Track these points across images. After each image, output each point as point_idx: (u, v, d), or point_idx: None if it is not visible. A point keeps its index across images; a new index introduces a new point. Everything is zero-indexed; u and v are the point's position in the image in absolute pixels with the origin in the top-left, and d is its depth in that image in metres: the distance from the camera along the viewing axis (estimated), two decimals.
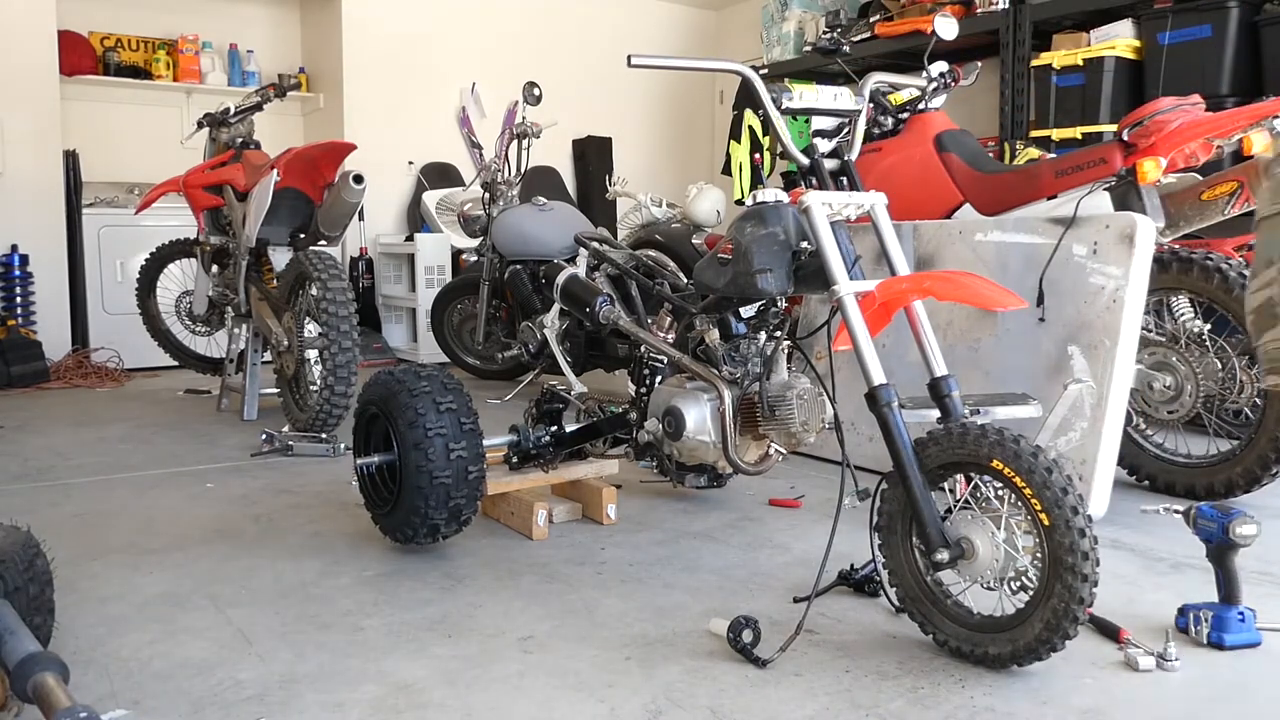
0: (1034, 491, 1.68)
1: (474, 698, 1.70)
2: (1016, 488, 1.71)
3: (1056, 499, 1.66)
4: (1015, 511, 1.76)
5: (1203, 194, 2.91)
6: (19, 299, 5.64)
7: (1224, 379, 2.84)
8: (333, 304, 3.54)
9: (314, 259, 3.69)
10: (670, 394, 2.29)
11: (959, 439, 1.79)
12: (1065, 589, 1.65)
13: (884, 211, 2.06)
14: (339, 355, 3.53)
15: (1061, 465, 1.71)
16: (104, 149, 6.23)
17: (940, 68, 3.33)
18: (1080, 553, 1.64)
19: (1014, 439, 1.72)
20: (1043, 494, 1.67)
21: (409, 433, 2.33)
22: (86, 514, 2.87)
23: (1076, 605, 1.65)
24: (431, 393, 2.36)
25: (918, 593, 1.89)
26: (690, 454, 2.27)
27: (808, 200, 1.97)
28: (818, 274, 1.98)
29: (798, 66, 6.10)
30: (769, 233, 2.04)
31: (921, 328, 1.98)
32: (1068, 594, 1.65)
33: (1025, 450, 1.70)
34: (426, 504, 2.32)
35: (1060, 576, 1.66)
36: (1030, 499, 1.69)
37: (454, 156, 7.06)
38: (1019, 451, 1.70)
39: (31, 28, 5.68)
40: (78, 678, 1.69)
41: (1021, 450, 1.70)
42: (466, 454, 2.35)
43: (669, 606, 2.12)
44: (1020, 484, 1.70)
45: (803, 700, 1.69)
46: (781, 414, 2.09)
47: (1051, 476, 1.67)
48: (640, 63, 2.01)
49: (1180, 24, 4.15)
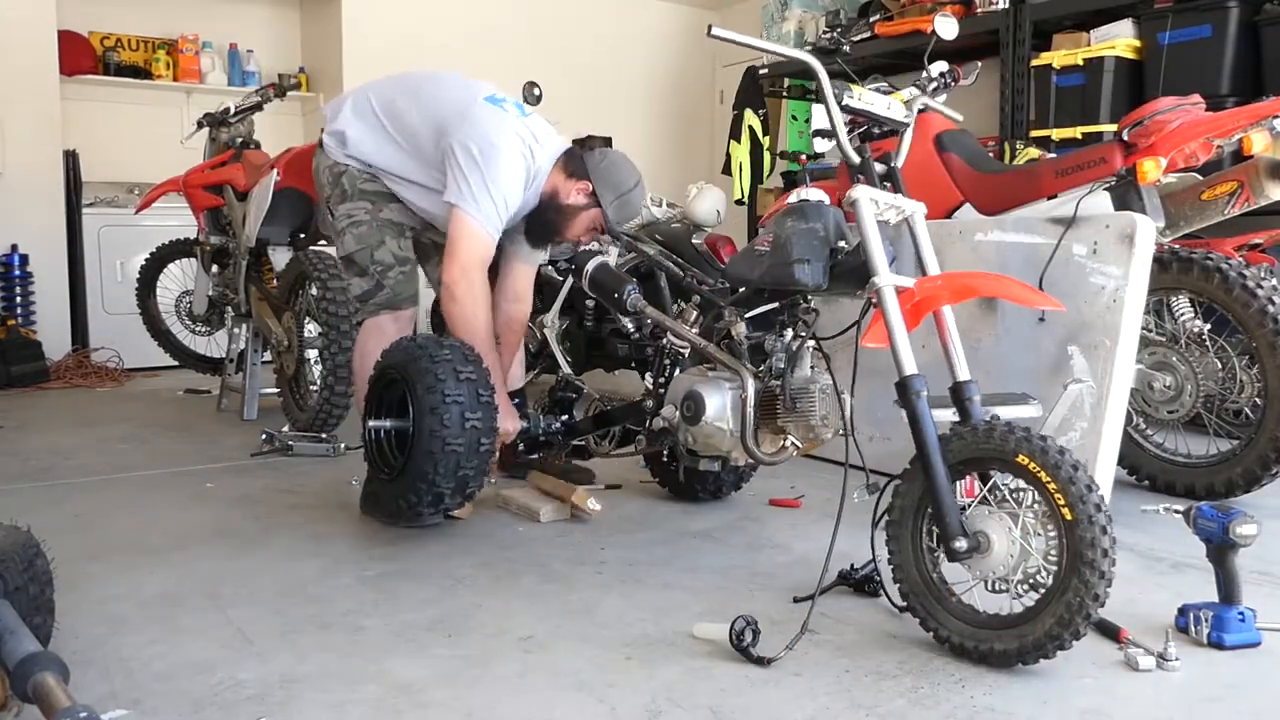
0: (1059, 486, 1.71)
1: (474, 698, 1.70)
2: (1041, 483, 1.74)
3: (1081, 495, 1.69)
4: (1031, 511, 1.78)
5: (1203, 194, 2.91)
6: (19, 299, 5.64)
7: (1224, 379, 2.84)
8: (333, 304, 3.53)
9: (314, 259, 3.69)
10: (692, 380, 2.33)
11: (985, 434, 1.82)
12: (1082, 584, 1.67)
13: (923, 220, 2.12)
14: (339, 355, 3.53)
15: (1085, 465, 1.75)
16: (104, 149, 6.22)
17: (940, 68, 3.32)
18: (1100, 549, 1.67)
19: (1040, 436, 1.76)
20: (1067, 489, 1.70)
21: (426, 397, 2.33)
22: (86, 514, 2.87)
23: (1091, 602, 1.67)
24: (453, 361, 2.37)
25: (922, 588, 1.90)
26: (706, 440, 2.29)
27: (857, 192, 2.00)
28: (853, 273, 2.02)
29: (798, 67, 6.08)
30: (810, 227, 2.08)
31: (949, 332, 2.02)
32: (1084, 589, 1.67)
33: (1051, 447, 1.74)
34: (435, 470, 2.32)
35: (1078, 571, 1.68)
36: (1054, 494, 1.72)
37: None
38: (1045, 448, 1.74)
39: (31, 28, 5.68)
40: (78, 678, 1.69)
41: (1048, 447, 1.74)
42: (481, 425, 2.35)
43: (669, 606, 2.12)
44: (1045, 479, 1.73)
45: (803, 700, 1.69)
46: (803, 407, 2.13)
47: (1077, 474, 1.71)
48: (720, 34, 2.01)
49: (1180, 24, 4.15)
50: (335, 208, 2.99)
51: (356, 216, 2.95)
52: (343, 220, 2.96)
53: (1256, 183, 2.81)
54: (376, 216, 2.96)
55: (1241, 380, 2.81)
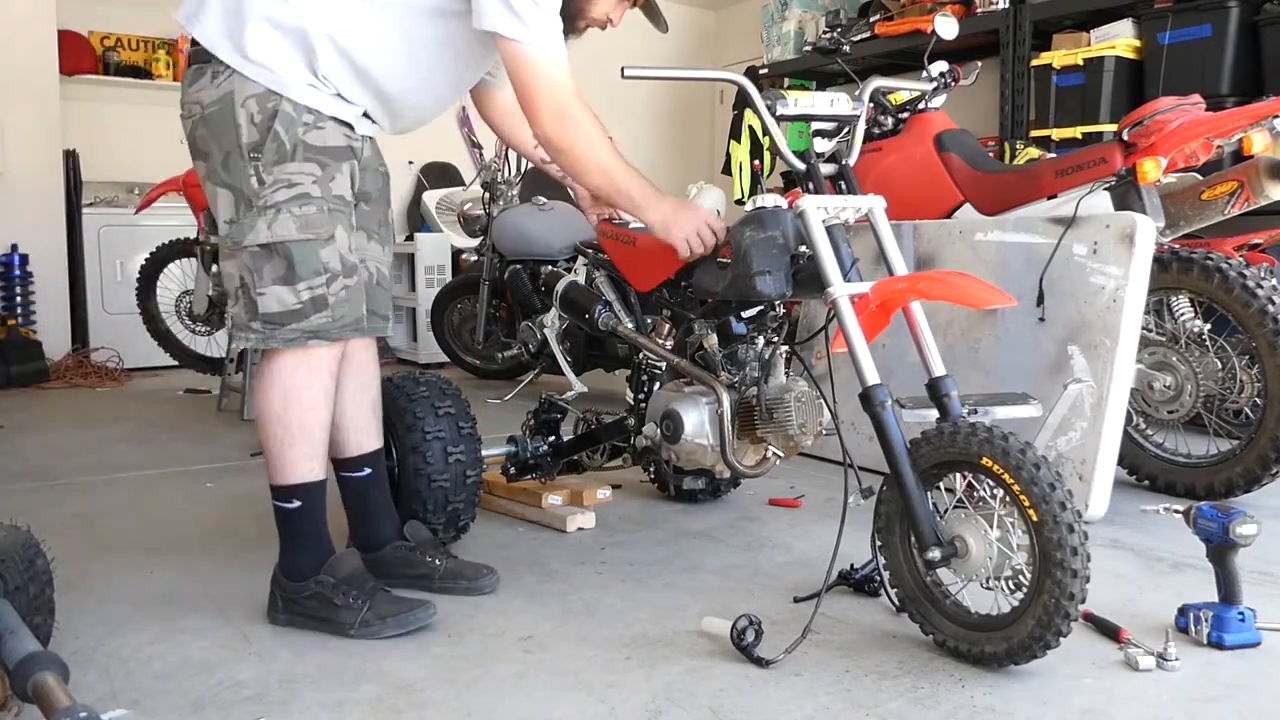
0: (1022, 488, 1.68)
1: (474, 698, 1.70)
2: (1006, 484, 1.71)
3: (1044, 494, 1.66)
4: (1009, 510, 1.76)
5: (1203, 194, 2.91)
6: (19, 299, 5.64)
7: (1224, 379, 2.84)
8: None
9: None
10: (668, 398, 2.29)
11: (950, 438, 1.80)
12: (1055, 585, 1.65)
13: (883, 214, 2.06)
14: None
15: (1050, 462, 1.71)
16: (104, 149, 6.22)
17: (940, 68, 3.32)
18: (1069, 548, 1.64)
19: (1002, 436, 1.72)
20: (1030, 490, 1.67)
21: (407, 436, 2.33)
22: (86, 514, 2.87)
23: (1068, 601, 1.65)
24: (430, 397, 2.37)
25: (917, 593, 1.90)
26: (688, 458, 2.27)
27: (803, 204, 1.98)
28: (815, 278, 1.98)
29: (798, 66, 6.10)
30: (768, 236, 2.04)
31: (920, 328, 1.98)
32: (1058, 590, 1.65)
33: (1013, 447, 1.70)
34: (425, 508, 2.33)
35: (1050, 573, 1.66)
36: (1019, 495, 1.69)
37: (454, 156, 7.05)
38: (1007, 449, 1.70)
39: (31, 28, 5.68)
40: (78, 678, 1.69)
41: (1009, 447, 1.70)
42: (465, 458, 2.35)
43: (669, 606, 2.12)
44: (1009, 480, 1.70)
45: (803, 700, 1.69)
46: (779, 417, 2.10)
47: (1039, 472, 1.67)
48: (634, 74, 2.01)
49: (1180, 24, 4.15)
50: (265, 169, 1.90)
51: (301, 187, 1.91)
52: (275, 190, 1.90)
53: (1256, 183, 2.81)
54: (327, 191, 1.94)
55: (1241, 380, 2.81)
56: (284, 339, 1.94)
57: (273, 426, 1.97)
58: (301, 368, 1.97)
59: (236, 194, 1.92)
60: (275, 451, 1.98)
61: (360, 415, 2.18)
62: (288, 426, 1.97)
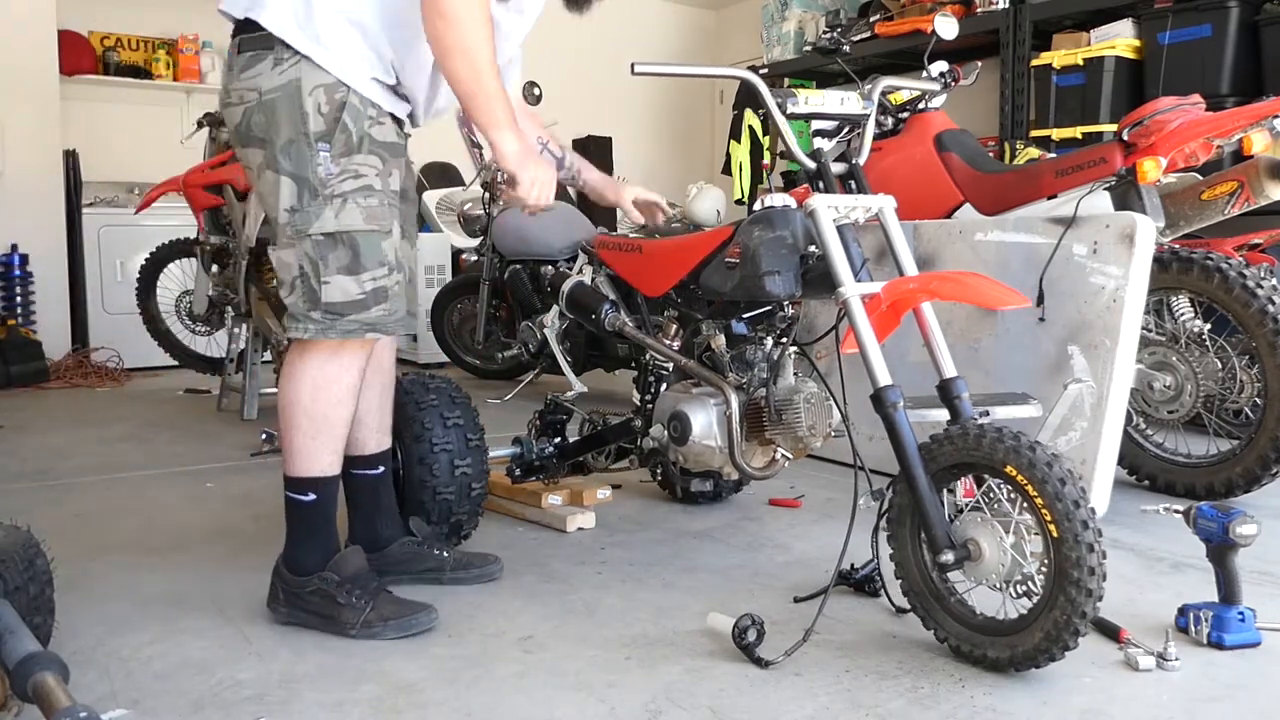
0: (1046, 502, 1.65)
1: (474, 698, 1.70)
2: (1028, 496, 1.68)
3: (1068, 512, 1.63)
4: (1025, 517, 1.73)
5: (1203, 194, 2.91)
6: (19, 299, 5.64)
7: (1224, 379, 2.84)
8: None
9: None
10: (676, 399, 2.26)
11: (974, 440, 1.77)
12: (1068, 601, 1.64)
13: (893, 214, 2.05)
14: None
15: (1075, 476, 1.68)
16: (104, 149, 6.22)
17: (940, 68, 3.33)
18: (1087, 568, 1.62)
19: (1030, 445, 1.69)
20: (1054, 505, 1.65)
21: (414, 447, 2.33)
22: (86, 514, 2.87)
23: (1079, 619, 1.64)
24: (439, 406, 2.36)
25: (922, 588, 1.89)
26: (696, 459, 2.25)
27: (813, 203, 1.96)
28: (824, 278, 1.97)
29: (798, 66, 6.10)
30: (777, 236, 2.03)
31: (930, 329, 1.98)
32: (1070, 607, 1.64)
33: (1040, 459, 1.67)
34: (428, 520, 2.32)
35: (1065, 590, 1.64)
36: (1041, 509, 1.66)
37: (454, 156, 7.04)
38: (1034, 460, 1.67)
39: (31, 28, 5.68)
40: (78, 678, 1.69)
41: (1037, 459, 1.67)
42: (471, 470, 2.35)
43: (669, 606, 2.12)
44: (1033, 493, 1.67)
45: (803, 700, 1.69)
46: (788, 418, 2.08)
47: (1065, 489, 1.64)
48: (644, 70, 2.00)
49: (1180, 24, 4.15)
50: (336, 158, 1.90)
51: (366, 179, 1.92)
52: (343, 179, 1.90)
53: (1256, 183, 2.81)
54: (386, 186, 1.96)
55: (1241, 380, 2.81)
56: (344, 330, 1.94)
57: (299, 418, 1.96)
58: (333, 362, 1.96)
59: (300, 182, 1.89)
60: (298, 443, 1.97)
61: (382, 414, 2.21)
62: (314, 419, 1.96)
